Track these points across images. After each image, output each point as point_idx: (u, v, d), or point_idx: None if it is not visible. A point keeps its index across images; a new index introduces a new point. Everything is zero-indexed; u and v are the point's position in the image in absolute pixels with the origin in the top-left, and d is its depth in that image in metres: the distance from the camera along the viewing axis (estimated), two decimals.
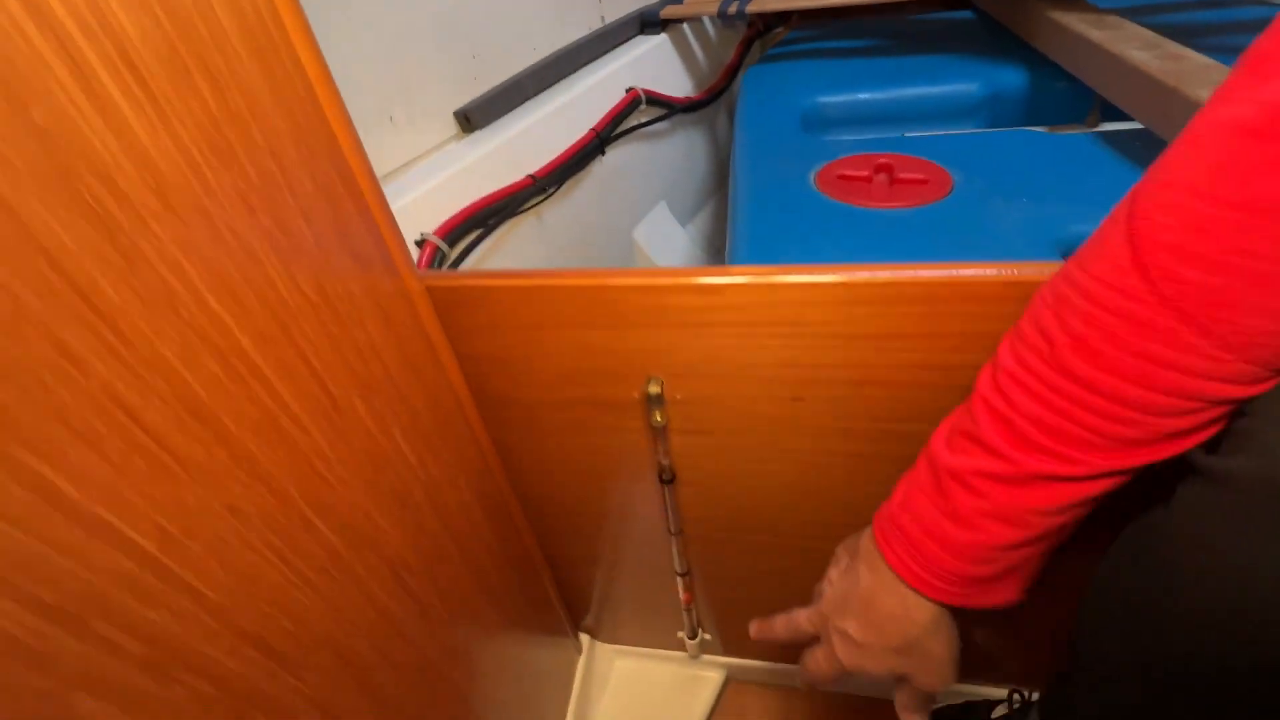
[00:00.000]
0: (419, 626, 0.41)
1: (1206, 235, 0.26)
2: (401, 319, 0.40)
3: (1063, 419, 0.31)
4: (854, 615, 0.41)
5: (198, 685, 0.25)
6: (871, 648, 0.41)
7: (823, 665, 0.44)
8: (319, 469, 0.32)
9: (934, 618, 0.39)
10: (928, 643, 0.40)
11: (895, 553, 0.39)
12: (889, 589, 0.39)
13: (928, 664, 0.41)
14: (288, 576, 0.30)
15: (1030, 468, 0.32)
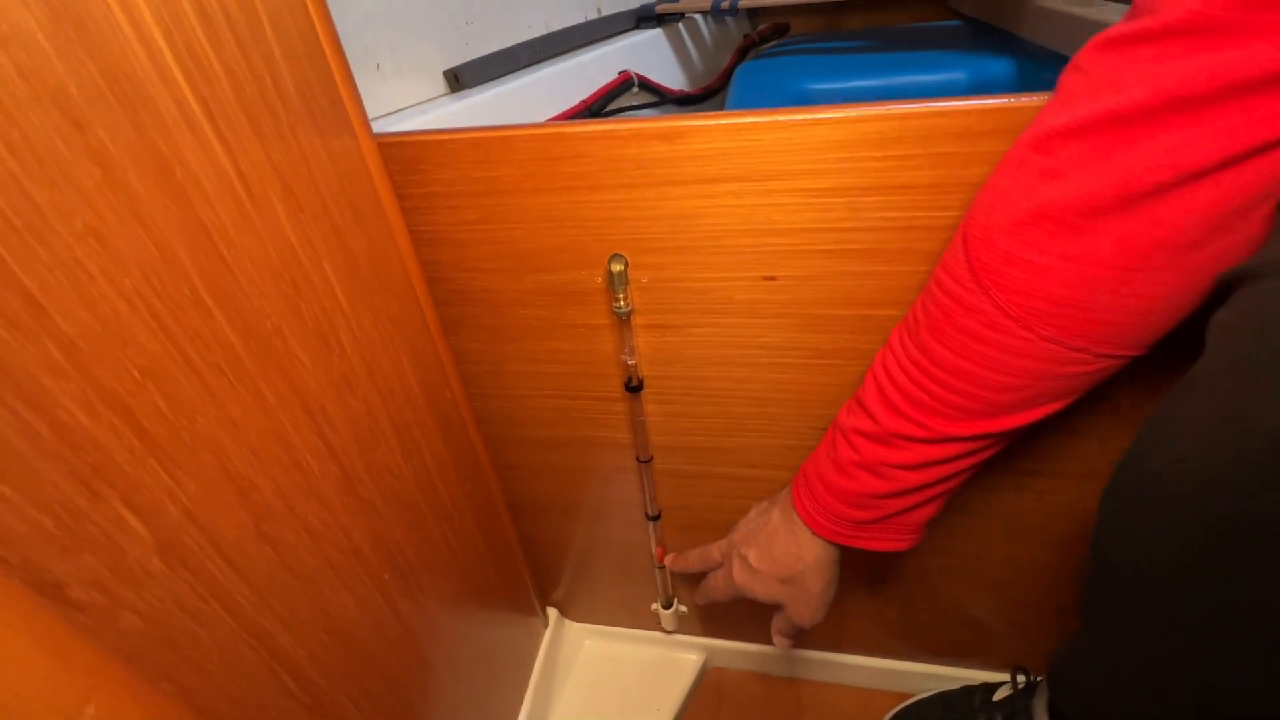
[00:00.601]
0: (339, 493, 0.37)
1: (1001, 234, 0.31)
2: (354, 173, 0.38)
3: (916, 388, 0.36)
4: (757, 545, 0.48)
5: (37, 426, 0.22)
6: (763, 575, 0.47)
7: (719, 584, 0.52)
8: (220, 248, 0.29)
9: (820, 557, 0.45)
10: (809, 579, 0.46)
11: (798, 496, 0.45)
12: (789, 527, 0.45)
13: (804, 598, 0.47)
14: (165, 346, 0.26)
15: (889, 427, 0.38)
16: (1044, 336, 0.32)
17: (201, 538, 0.28)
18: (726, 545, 0.52)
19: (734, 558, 0.50)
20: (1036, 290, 0.31)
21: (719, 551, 0.53)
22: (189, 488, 0.28)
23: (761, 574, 0.47)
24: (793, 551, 0.46)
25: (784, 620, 0.50)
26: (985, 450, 0.38)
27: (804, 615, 0.48)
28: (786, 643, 0.52)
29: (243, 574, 0.30)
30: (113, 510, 0.24)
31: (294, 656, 0.34)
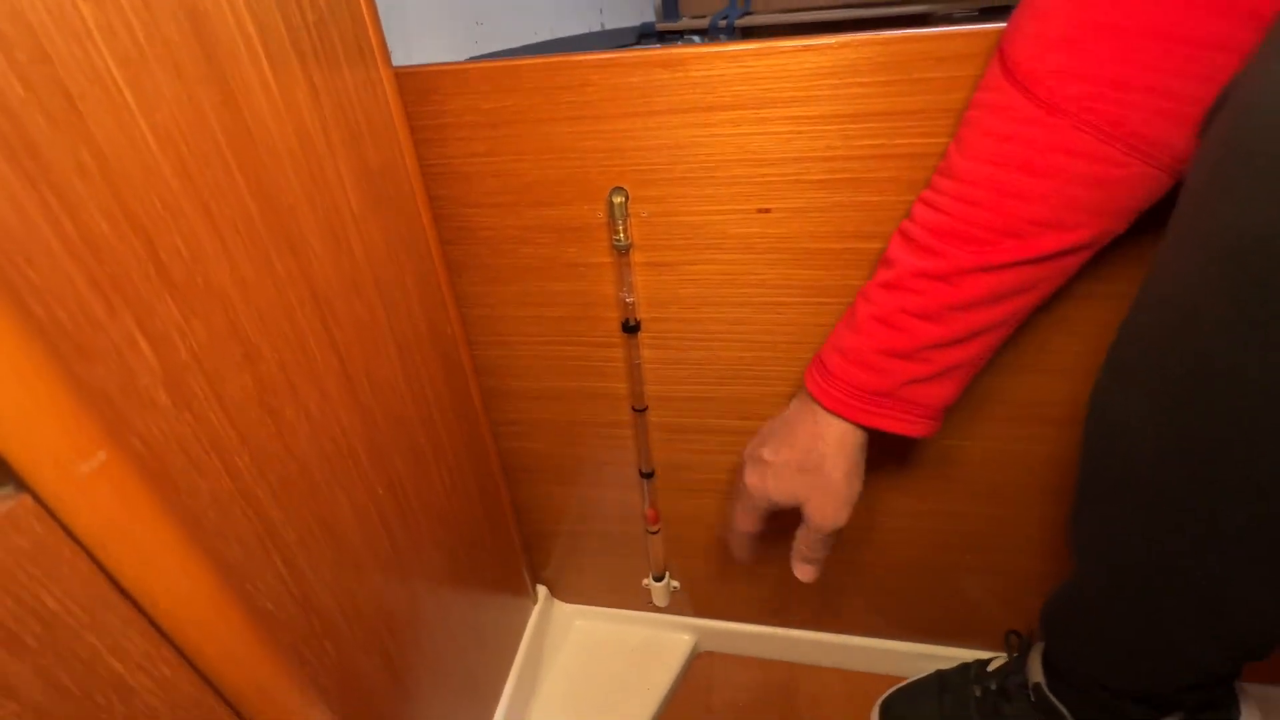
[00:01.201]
0: (339, 389, 0.38)
1: (1043, 20, 0.31)
2: (374, 100, 0.40)
3: (939, 213, 0.36)
4: (772, 439, 0.45)
5: (64, 222, 0.23)
6: (777, 467, 0.44)
7: (735, 505, 0.48)
8: (244, 113, 0.30)
9: (840, 437, 0.42)
10: (829, 464, 0.42)
11: (811, 376, 0.43)
12: (805, 411, 0.43)
13: (826, 488, 0.43)
14: (186, 188, 0.27)
15: (908, 268, 0.37)
16: (1076, 123, 0.31)
17: (207, 387, 0.29)
18: (742, 465, 0.48)
19: (747, 465, 0.46)
20: (1074, 68, 0.30)
21: (741, 475, 0.48)
22: (198, 332, 0.28)
23: (776, 466, 0.44)
24: (810, 431, 0.42)
25: (806, 533, 0.45)
26: (1003, 304, 0.37)
27: (827, 511, 0.43)
28: (811, 571, 0.48)
29: (243, 436, 0.31)
30: (126, 329, 0.25)
31: (285, 537, 0.34)
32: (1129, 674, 0.43)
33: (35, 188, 0.22)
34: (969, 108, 0.36)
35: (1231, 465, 0.30)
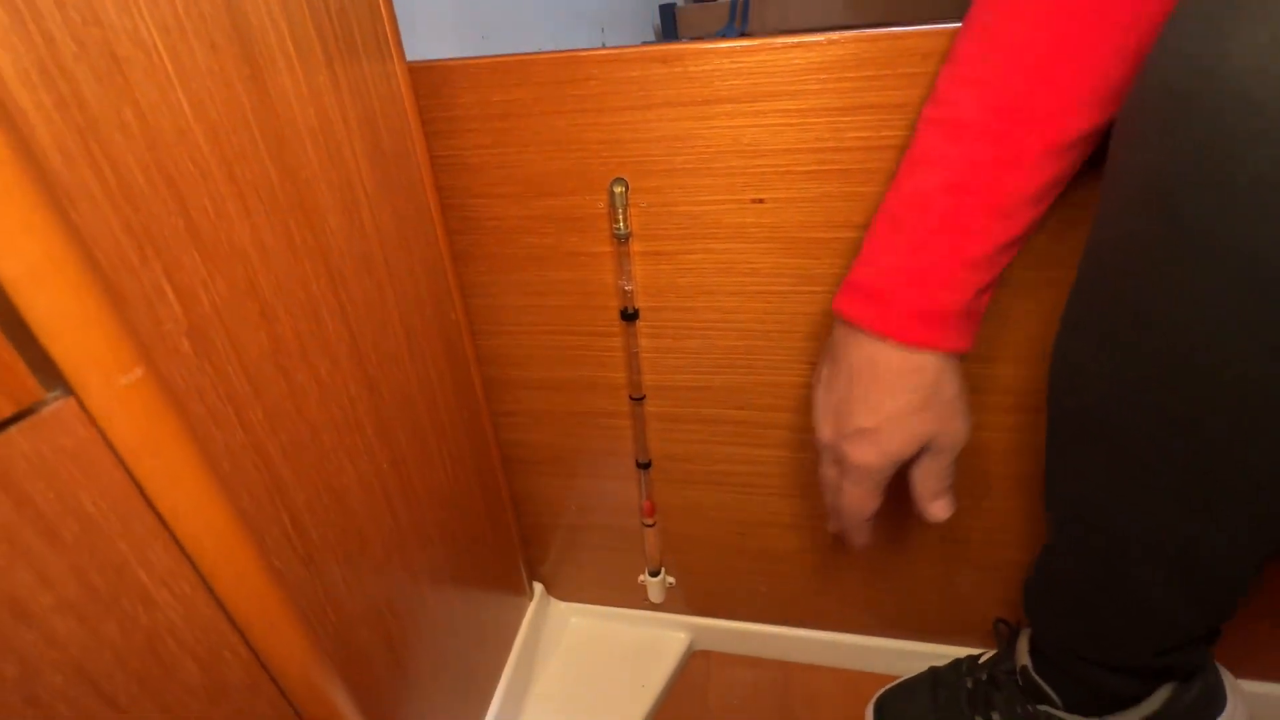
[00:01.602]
0: (348, 359, 0.39)
1: None
2: (389, 92, 0.42)
3: (992, 89, 0.34)
4: (859, 406, 0.40)
5: (105, 168, 0.25)
6: (889, 426, 0.39)
7: (851, 492, 0.43)
8: (269, 88, 0.32)
9: (938, 366, 0.38)
10: (944, 387, 0.39)
11: (869, 316, 0.38)
12: (875, 356, 0.39)
13: (948, 411, 0.40)
14: (214, 151, 0.29)
15: (968, 158, 0.35)
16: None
17: (226, 340, 0.31)
18: (822, 454, 0.44)
19: (843, 446, 0.41)
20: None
21: (822, 467, 0.45)
22: (220, 288, 0.30)
23: (887, 428, 0.39)
24: (904, 369, 0.38)
25: (934, 467, 0.42)
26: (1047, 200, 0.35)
27: (955, 434, 0.41)
28: (948, 502, 0.44)
29: (258, 392, 0.32)
30: (155, 277, 0.27)
31: (293, 497, 0.35)
32: (1103, 640, 0.44)
33: (82, 137, 0.24)
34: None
35: (1170, 407, 0.32)
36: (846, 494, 0.43)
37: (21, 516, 0.18)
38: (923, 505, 0.44)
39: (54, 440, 0.18)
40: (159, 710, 0.22)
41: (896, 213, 0.38)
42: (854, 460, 0.41)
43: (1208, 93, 0.25)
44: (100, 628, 0.20)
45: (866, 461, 0.41)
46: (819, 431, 0.43)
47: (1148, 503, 0.36)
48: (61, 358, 0.18)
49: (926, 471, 0.43)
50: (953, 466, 0.43)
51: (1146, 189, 0.29)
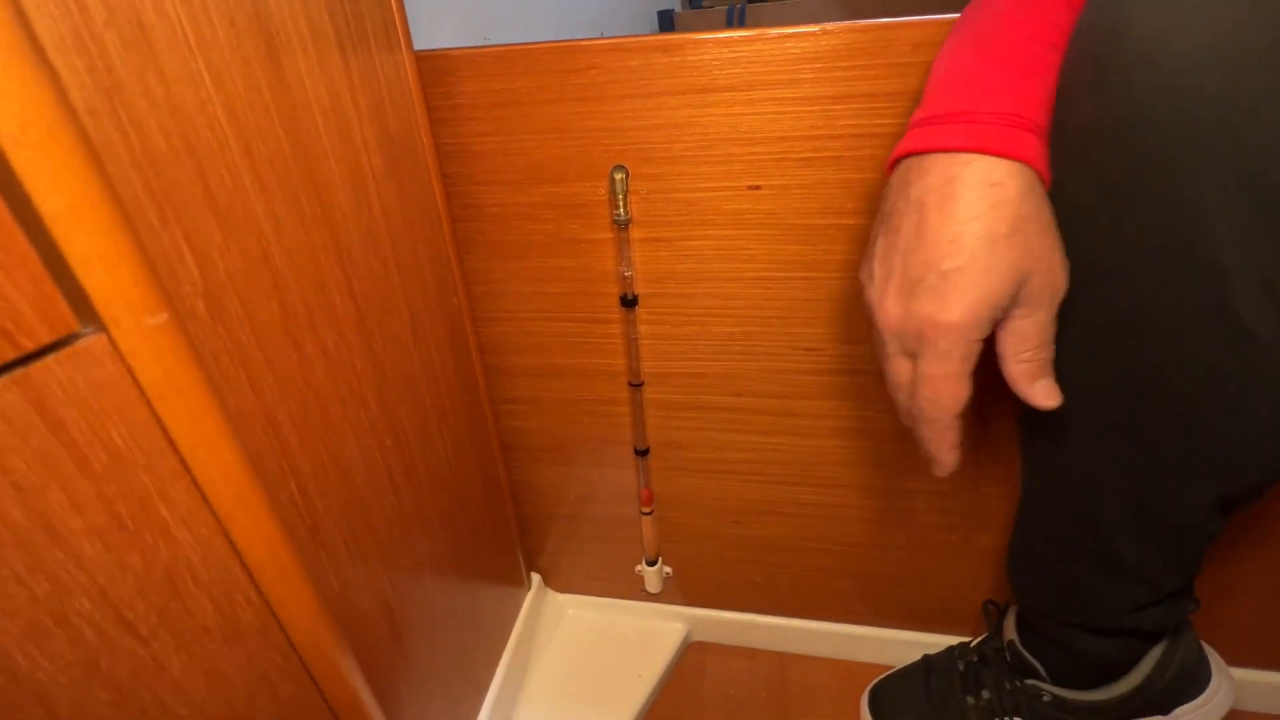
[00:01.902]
0: (355, 333, 0.40)
1: None
2: (398, 80, 0.44)
3: None
4: (935, 249, 0.32)
5: (130, 133, 0.26)
6: (975, 263, 0.31)
7: (935, 378, 0.34)
8: (285, 68, 0.34)
9: (1025, 181, 0.31)
10: (1034, 211, 0.32)
11: (942, 135, 0.32)
12: (951, 177, 0.32)
13: (1041, 242, 0.32)
14: (231, 125, 0.30)
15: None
16: None
17: (239, 307, 0.32)
18: (881, 327, 0.36)
19: (923, 312, 0.33)
20: None
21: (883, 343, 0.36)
22: (234, 255, 0.31)
23: (971, 266, 0.31)
24: (984, 184, 0.31)
25: (1026, 321, 0.33)
26: None
27: (1054, 268, 0.33)
28: (1049, 387, 0.35)
29: (269, 360, 0.33)
30: (175, 239, 0.28)
31: (300, 464, 0.36)
32: (1076, 597, 0.46)
33: (110, 100, 0.25)
34: None
35: (1124, 362, 0.35)
36: (930, 383, 0.34)
37: (56, 440, 0.19)
38: (1023, 386, 0.35)
39: (87, 372, 0.19)
40: (177, 646, 0.23)
41: (964, 41, 0.34)
42: (939, 320, 0.32)
43: (1117, 54, 0.29)
44: (124, 557, 0.21)
45: (952, 319, 0.32)
46: (882, 315, 0.35)
47: (1110, 456, 0.38)
48: (95, 293, 0.19)
49: (1021, 335, 0.34)
50: (1053, 329, 0.34)
51: (1076, 147, 0.32)
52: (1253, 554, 0.55)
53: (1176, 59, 0.27)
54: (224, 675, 0.25)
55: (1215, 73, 0.27)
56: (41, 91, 0.18)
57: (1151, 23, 0.27)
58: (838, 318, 0.52)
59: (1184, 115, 0.28)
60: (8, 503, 0.18)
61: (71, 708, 0.19)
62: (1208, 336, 0.32)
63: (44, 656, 0.19)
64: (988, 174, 0.31)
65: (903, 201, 0.33)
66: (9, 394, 0.17)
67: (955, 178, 0.31)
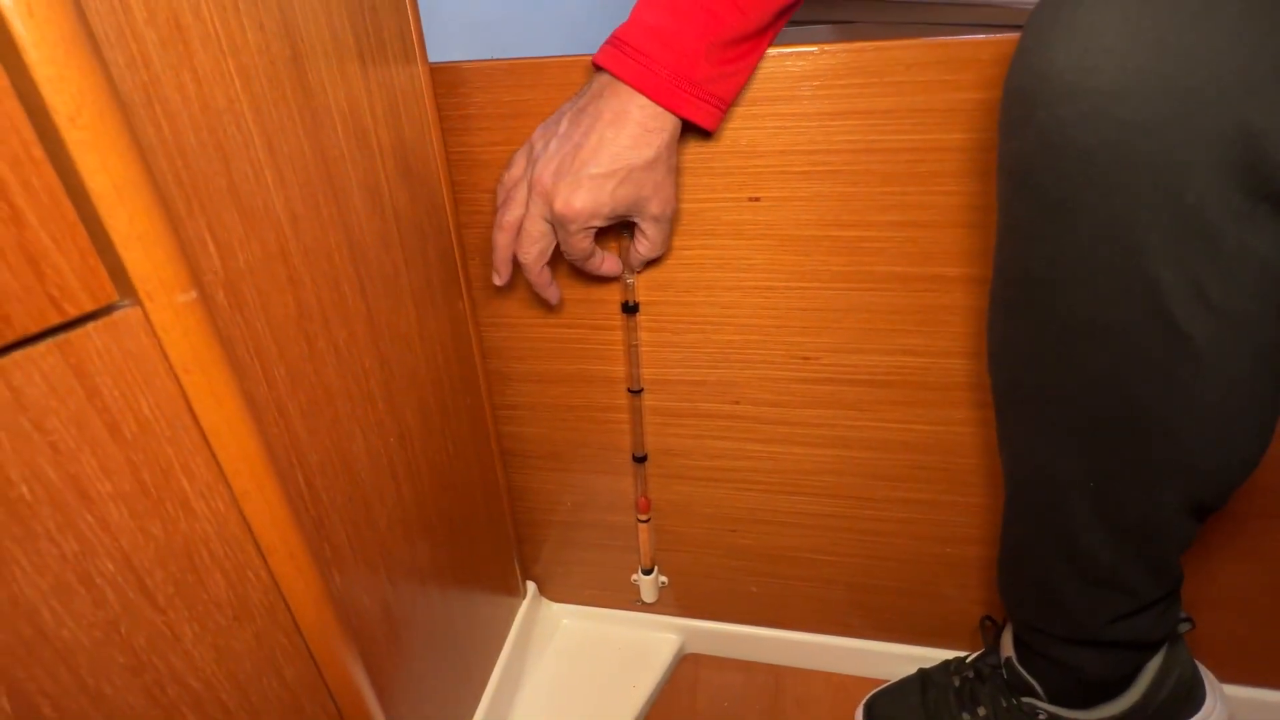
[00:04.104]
0: (364, 331, 0.41)
1: None
2: (413, 90, 0.46)
3: None
4: (599, 152, 0.42)
5: (160, 119, 0.27)
6: (620, 176, 0.43)
7: (562, 241, 0.47)
8: (307, 73, 0.35)
9: (676, 131, 0.44)
10: (672, 155, 0.44)
11: (632, 70, 0.41)
12: (629, 108, 0.42)
13: (667, 177, 0.45)
14: (258, 119, 0.32)
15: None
16: None
17: (256, 298, 0.33)
18: (539, 205, 0.45)
19: (564, 192, 0.43)
20: None
21: (519, 219, 0.47)
22: (254, 248, 0.32)
23: (622, 173, 0.43)
24: (642, 129, 0.42)
25: (653, 228, 0.47)
26: None
27: (669, 197, 0.46)
28: (653, 254, 0.50)
29: (282, 351, 0.34)
30: (199, 229, 0.29)
31: (307, 455, 0.37)
32: (1060, 608, 0.46)
33: (146, 94, 0.26)
34: None
35: (1078, 366, 0.38)
36: (565, 242, 0.46)
37: (91, 405, 0.19)
38: (632, 264, 0.51)
39: (122, 342, 0.20)
40: (190, 617, 0.23)
41: None
42: (569, 204, 0.43)
43: (1044, 91, 0.33)
44: (147, 524, 0.21)
45: (577, 208, 0.43)
46: (540, 175, 0.44)
47: (1074, 459, 0.40)
48: (134, 268, 0.20)
49: (650, 239, 0.48)
50: (667, 235, 0.49)
51: (1016, 172, 0.36)
52: (1242, 570, 0.56)
53: (1092, 94, 0.31)
54: (233, 651, 0.26)
55: (1127, 105, 0.31)
56: (95, 79, 0.19)
57: (1071, 64, 0.31)
58: (834, 327, 0.53)
59: (1105, 141, 0.32)
60: (44, 461, 0.19)
61: (91, 667, 0.20)
62: (1151, 341, 0.35)
63: (69, 614, 0.19)
64: (649, 120, 0.42)
65: (593, 105, 0.43)
66: (51, 357, 0.18)
67: (627, 111, 0.42)
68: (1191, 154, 0.30)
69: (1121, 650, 0.47)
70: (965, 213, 0.47)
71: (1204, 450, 0.37)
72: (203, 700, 0.24)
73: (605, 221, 0.45)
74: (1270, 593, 0.57)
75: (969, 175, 0.46)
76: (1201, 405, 0.36)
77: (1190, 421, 0.36)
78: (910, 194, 0.47)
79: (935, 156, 0.46)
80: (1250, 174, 0.30)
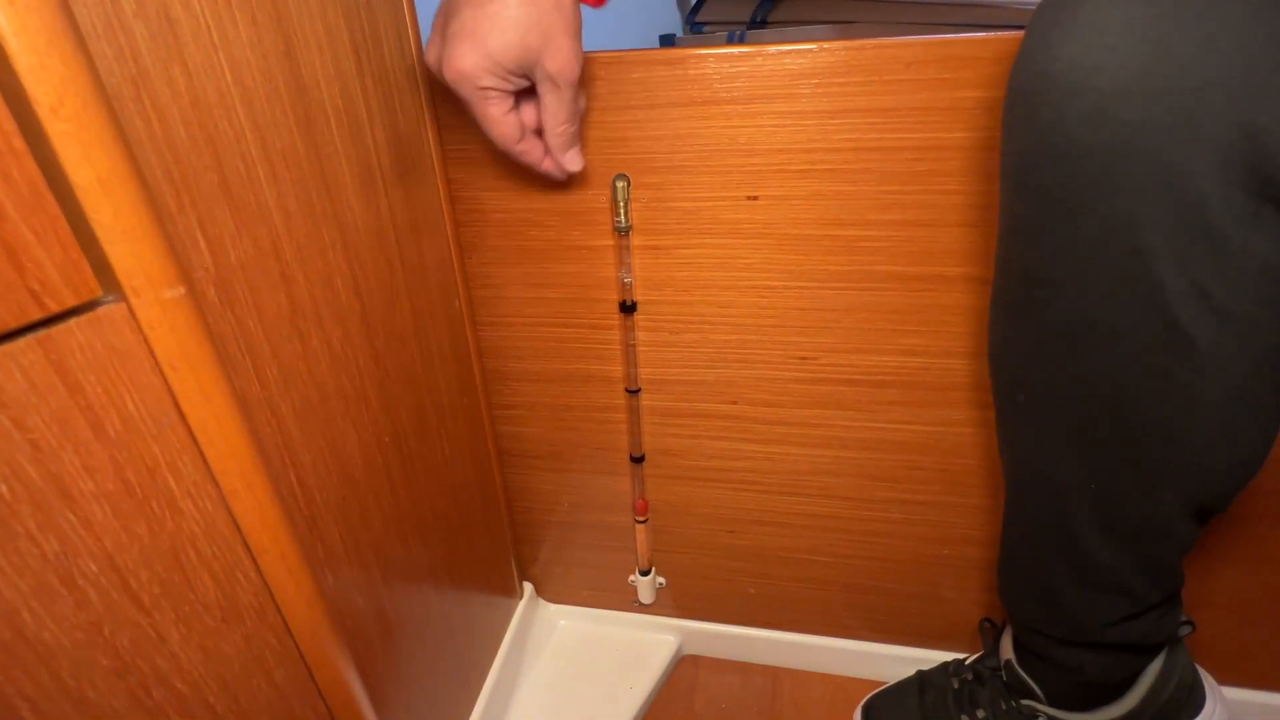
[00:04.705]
0: (359, 330, 0.41)
1: None
2: (408, 89, 0.45)
3: None
4: (466, 4, 0.37)
5: (150, 113, 0.27)
6: (489, 21, 0.37)
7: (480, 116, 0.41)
8: (299, 60, 0.35)
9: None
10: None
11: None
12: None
13: (554, 22, 0.37)
14: (251, 118, 0.31)
15: None
16: None
17: (248, 295, 0.32)
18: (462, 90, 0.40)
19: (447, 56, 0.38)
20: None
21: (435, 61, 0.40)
22: (246, 246, 0.32)
23: (490, 18, 0.37)
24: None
25: (552, 98, 0.41)
26: None
27: (563, 48, 0.38)
28: (576, 156, 0.44)
29: (274, 349, 0.34)
30: (190, 224, 0.29)
31: (301, 456, 0.36)
32: (1061, 610, 0.46)
33: (135, 87, 0.26)
34: None
35: (1080, 366, 0.37)
36: (481, 121, 0.42)
37: (74, 402, 0.19)
38: (559, 156, 0.44)
39: (106, 338, 0.20)
40: (177, 618, 0.23)
41: None
42: (455, 62, 0.38)
43: (1047, 90, 0.32)
44: (132, 525, 0.21)
45: (467, 63, 0.38)
46: (428, 52, 0.41)
47: (1075, 460, 0.40)
48: (118, 263, 0.20)
49: (553, 113, 0.41)
50: (576, 109, 0.42)
51: (1018, 171, 0.36)
52: (1243, 573, 0.56)
53: (1096, 92, 0.31)
54: (221, 653, 0.25)
55: (1129, 104, 0.30)
56: (79, 70, 0.19)
57: (1074, 63, 0.31)
58: (832, 327, 0.53)
59: (1108, 140, 0.31)
60: (24, 459, 0.18)
61: (73, 670, 0.20)
62: (1153, 342, 0.34)
63: (50, 616, 0.19)
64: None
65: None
66: (32, 353, 0.18)
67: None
68: (1195, 154, 0.30)
69: (1122, 653, 0.47)
70: (965, 212, 0.47)
71: (1206, 452, 0.37)
72: (189, 703, 0.24)
73: (500, 80, 0.39)
74: (1271, 595, 0.56)
75: (969, 174, 0.46)
76: (1203, 407, 0.35)
77: (1192, 423, 0.36)
78: (909, 193, 0.47)
79: (935, 155, 0.45)
80: (1254, 175, 0.30)
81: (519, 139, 0.43)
